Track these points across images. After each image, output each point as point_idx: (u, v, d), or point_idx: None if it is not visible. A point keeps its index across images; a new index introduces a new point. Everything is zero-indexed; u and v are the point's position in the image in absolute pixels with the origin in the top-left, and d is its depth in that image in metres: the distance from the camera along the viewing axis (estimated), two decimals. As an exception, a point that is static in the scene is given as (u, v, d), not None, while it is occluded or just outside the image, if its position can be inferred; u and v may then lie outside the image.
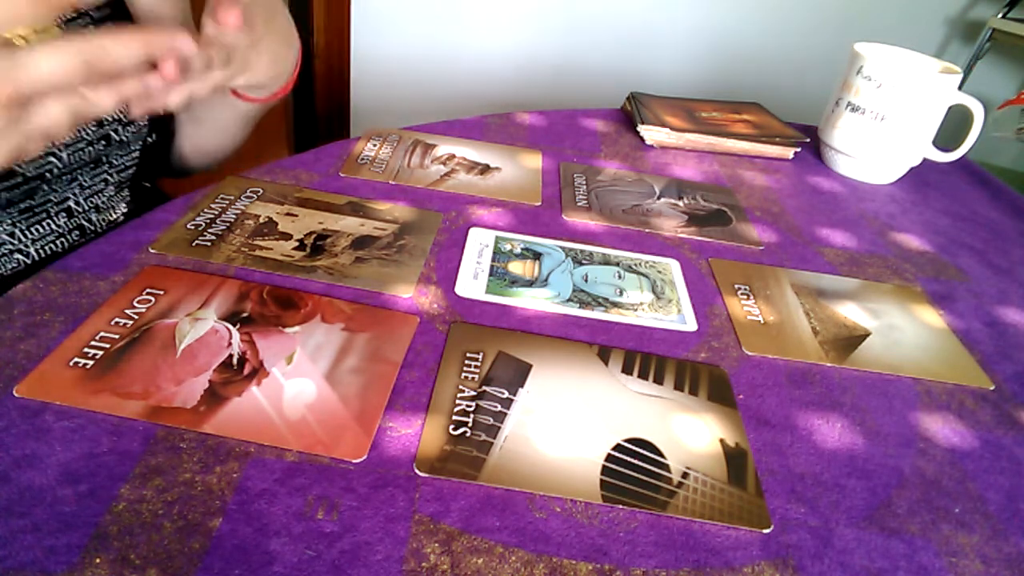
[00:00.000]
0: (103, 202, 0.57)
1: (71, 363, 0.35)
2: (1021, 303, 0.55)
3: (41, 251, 0.52)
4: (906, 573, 0.31)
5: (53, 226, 0.53)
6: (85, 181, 0.54)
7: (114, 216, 0.58)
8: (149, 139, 0.59)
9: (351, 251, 0.47)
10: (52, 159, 0.50)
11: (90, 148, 0.52)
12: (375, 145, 0.63)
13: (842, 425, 0.39)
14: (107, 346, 0.36)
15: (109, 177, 0.57)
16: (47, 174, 0.50)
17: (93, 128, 0.52)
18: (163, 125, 0.60)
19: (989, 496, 0.36)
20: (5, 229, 0.50)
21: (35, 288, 0.40)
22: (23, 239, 0.51)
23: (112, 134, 0.54)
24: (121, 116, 0.54)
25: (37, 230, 0.52)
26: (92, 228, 0.56)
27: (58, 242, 0.53)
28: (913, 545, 0.32)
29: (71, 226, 0.54)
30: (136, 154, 0.58)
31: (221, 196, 0.51)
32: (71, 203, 0.54)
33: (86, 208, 0.55)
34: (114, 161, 0.56)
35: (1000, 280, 0.58)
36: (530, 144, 0.70)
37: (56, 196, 0.53)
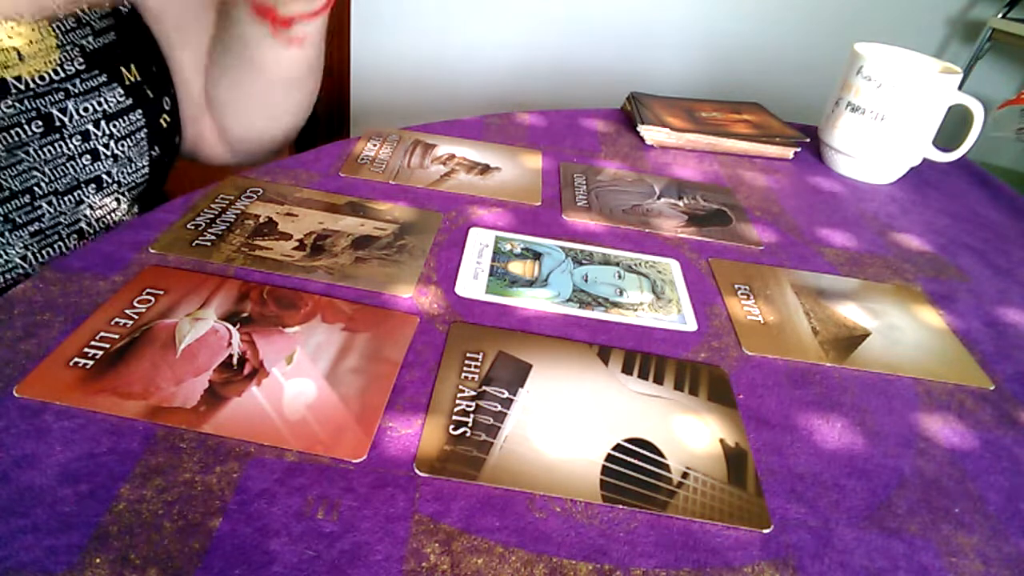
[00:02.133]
0: (115, 221, 0.56)
1: (71, 363, 0.35)
2: (1021, 303, 0.55)
3: None
4: (906, 573, 0.31)
5: (65, 248, 0.52)
6: (94, 201, 0.54)
7: None
8: (152, 152, 0.58)
9: (351, 251, 0.47)
10: (36, 174, 0.49)
11: (72, 163, 0.51)
12: (375, 145, 0.63)
13: (842, 425, 0.39)
14: (107, 346, 0.36)
15: (120, 196, 0.56)
16: (35, 188, 0.49)
17: (77, 142, 0.51)
18: (167, 138, 0.59)
19: (989, 496, 0.36)
20: (18, 252, 0.50)
21: (35, 288, 0.40)
22: (35, 262, 0.51)
23: (101, 148, 0.52)
24: (113, 132, 0.53)
25: (49, 252, 0.51)
26: None
27: None
28: (913, 545, 0.32)
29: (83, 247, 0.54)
30: (145, 170, 0.57)
31: (221, 196, 0.51)
32: (83, 224, 0.53)
33: (98, 229, 0.55)
34: (122, 180, 0.55)
35: (1000, 280, 0.58)
36: (530, 144, 0.70)
37: (66, 219, 0.52)
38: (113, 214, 0.56)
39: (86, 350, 0.35)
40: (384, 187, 0.57)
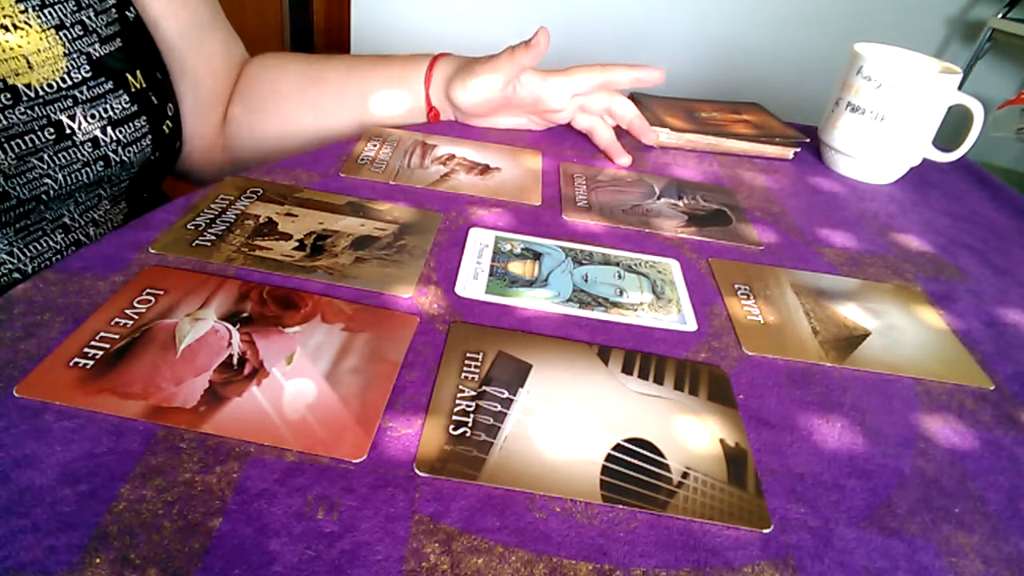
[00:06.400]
0: (99, 216, 0.57)
1: (71, 363, 0.35)
2: (1021, 303, 0.55)
3: (40, 267, 0.52)
4: (906, 573, 0.31)
5: (51, 243, 0.53)
6: (80, 198, 0.54)
7: (112, 227, 0.58)
8: (152, 157, 0.58)
9: (351, 251, 0.47)
10: (48, 181, 0.49)
11: (87, 169, 0.52)
12: (375, 145, 0.63)
13: (842, 425, 0.39)
14: (107, 346, 0.36)
15: (103, 192, 0.56)
16: (43, 196, 0.49)
17: (89, 149, 0.52)
18: (168, 143, 0.59)
19: (989, 496, 0.36)
20: (3, 248, 0.50)
21: (35, 288, 0.40)
22: (22, 257, 0.51)
23: (111, 155, 0.53)
24: (120, 138, 0.54)
25: (35, 247, 0.52)
26: (89, 242, 0.56)
27: (55, 258, 0.54)
28: (913, 545, 0.32)
29: (68, 241, 0.54)
30: (134, 169, 0.58)
31: (221, 196, 0.51)
32: (66, 220, 0.54)
33: (83, 223, 0.55)
34: (112, 179, 0.56)
35: (1000, 280, 0.58)
36: (530, 144, 0.70)
37: (51, 214, 0.52)
38: (96, 208, 0.56)
39: (86, 350, 0.35)
40: (384, 187, 0.57)
